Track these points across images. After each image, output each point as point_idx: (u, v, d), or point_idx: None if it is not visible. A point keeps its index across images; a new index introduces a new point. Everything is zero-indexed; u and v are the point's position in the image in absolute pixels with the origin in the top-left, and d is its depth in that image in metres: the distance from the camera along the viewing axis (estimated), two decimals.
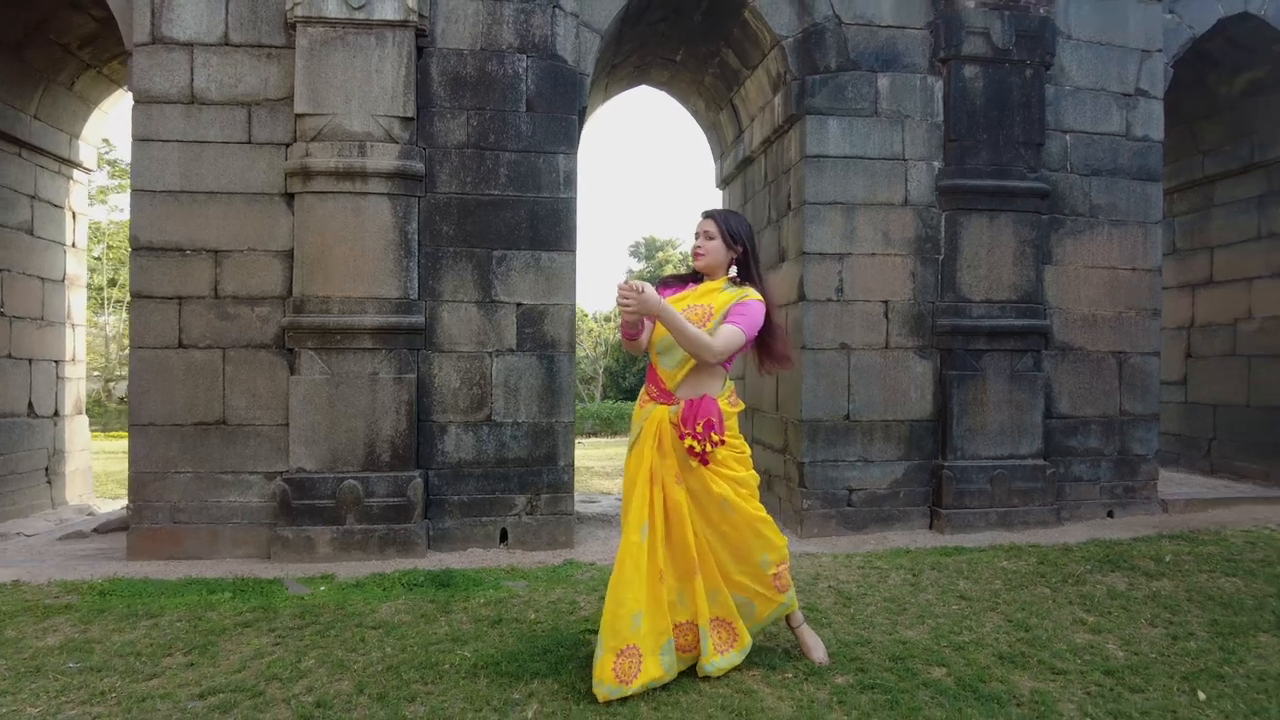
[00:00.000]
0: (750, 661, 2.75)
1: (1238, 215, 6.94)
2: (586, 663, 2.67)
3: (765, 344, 2.75)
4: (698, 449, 2.49)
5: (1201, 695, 2.52)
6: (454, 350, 4.86)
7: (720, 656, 2.61)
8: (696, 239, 2.78)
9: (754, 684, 2.57)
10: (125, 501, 6.98)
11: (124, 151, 20.23)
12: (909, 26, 5.34)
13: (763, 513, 2.67)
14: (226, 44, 4.68)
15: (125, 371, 22.61)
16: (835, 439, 5.25)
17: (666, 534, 2.57)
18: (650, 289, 2.48)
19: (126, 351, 22.85)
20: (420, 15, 4.72)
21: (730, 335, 2.54)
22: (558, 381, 4.97)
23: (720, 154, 7.36)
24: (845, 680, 2.59)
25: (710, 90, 6.82)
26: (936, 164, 5.37)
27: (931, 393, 5.36)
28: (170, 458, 4.59)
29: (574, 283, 5.04)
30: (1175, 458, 7.35)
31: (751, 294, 2.66)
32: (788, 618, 2.82)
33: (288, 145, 4.70)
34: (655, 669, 2.48)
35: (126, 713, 2.34)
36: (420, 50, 4.81)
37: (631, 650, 2.46)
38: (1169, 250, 7.45)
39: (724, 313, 2.61)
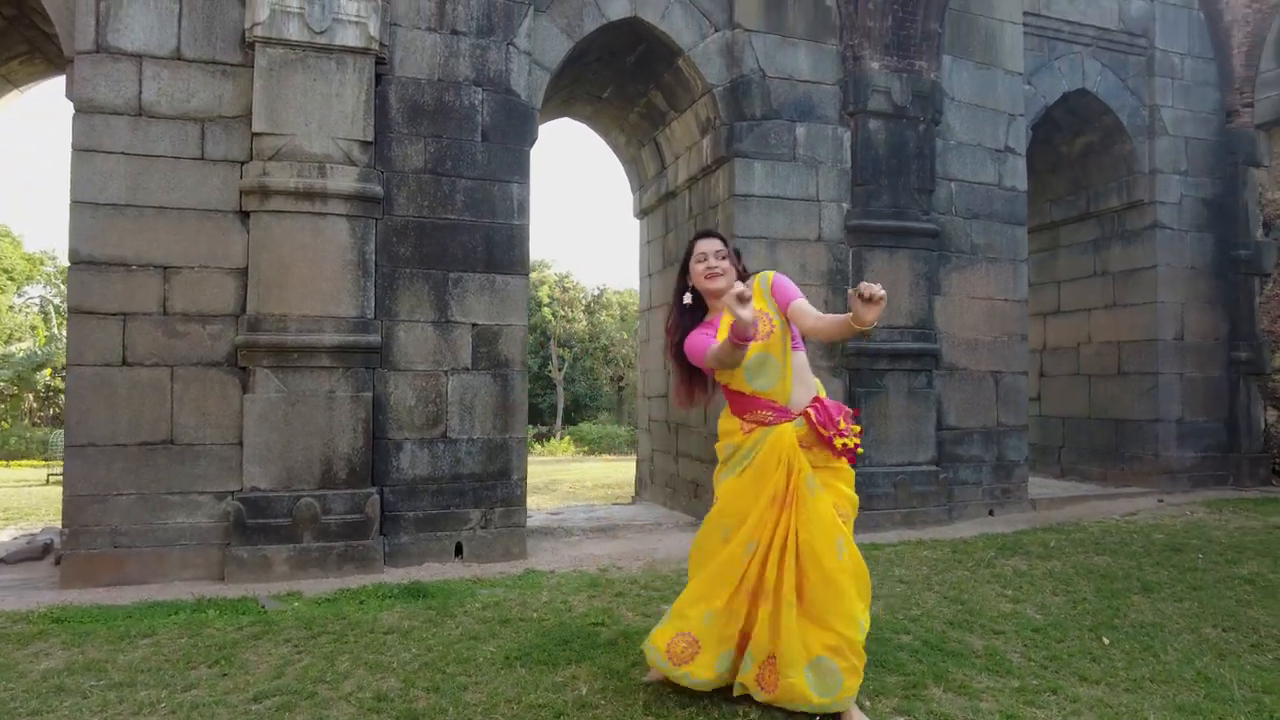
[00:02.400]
0: None
1: (1079, 255, 8.17)
2: (612, 650, 2.95)
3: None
4: (851, 445, 2.42)
5: (1106, 640, 3.16)
6: (410, 369, 4.97)
7: (760, 691, 2.39)
8: (703, 260, 2.56)
9: None
10: (15, 531, 6.47)
11: None
12: (823, 82, 6.02)
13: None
14: (179, 58, 4.63)
15: None
16: None
17: (781, 556, 2.38)
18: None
19: None
20: (381, 44, 4.86)
21: (810, 306, 2.44)
22: (511, 398, 5.18)
23: (640, 186, 7.81)
24: None
25: (634, 127, 7.27)
26: (845, 205, 6.06)
27: None
28: (112, 479, 4.42)
29: (526, 304, 5.29)
30: (1033, 464, 8.39)
31: (767, 272, 2.59)
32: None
33: (243, 163, 4.68)
34: (707, 670, 2.42)
35: (186, 718, 2.39)
36: (379, 77, 4.94)
37: (691, 638, 2.42)
38: None
39: (778, 304, 2.48)
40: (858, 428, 2.47)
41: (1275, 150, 7.76)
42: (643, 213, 7.84)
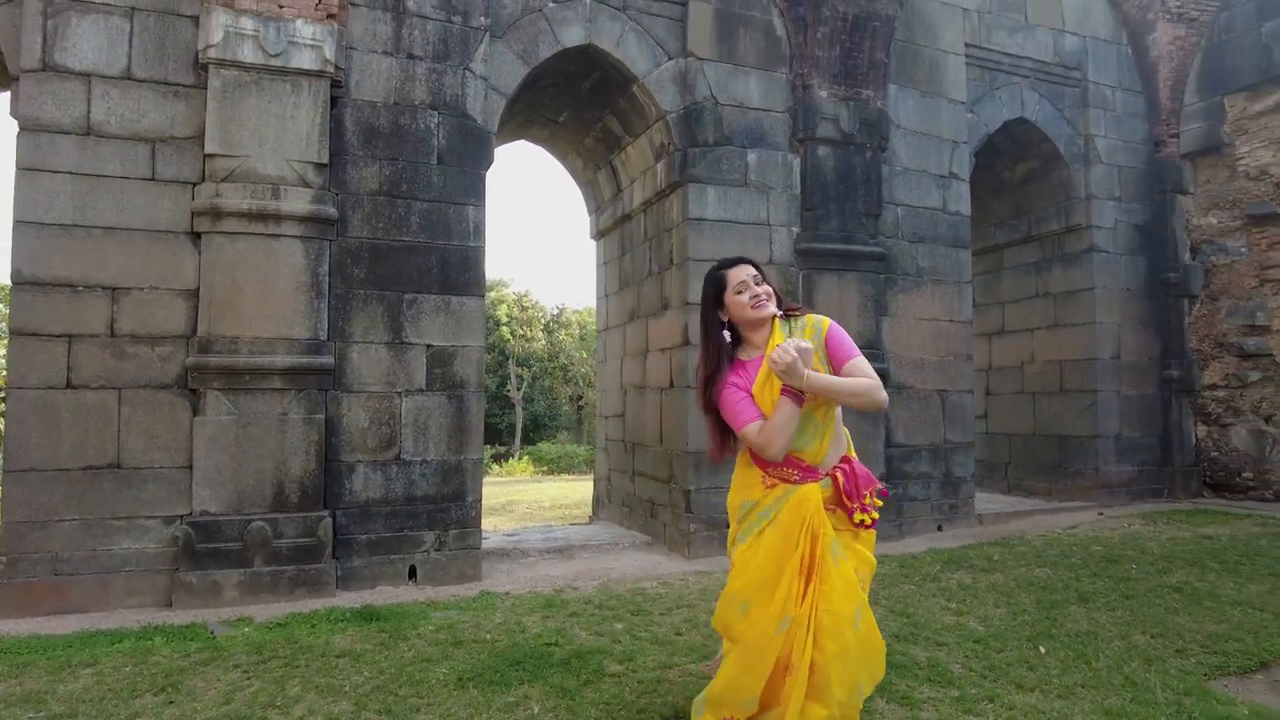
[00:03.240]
0: (700, 658, 3.19)
1: (1022, 277, 8.48)
2: (564, 669, 2.98)
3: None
4: (868, 521, 2.28)
5: (1043, 649, 3.29)
6: (364, 390, 4.96)
7: None
8: (746, 290, 2.36)
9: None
10: None
11: None
12: (773, 110, 6.19)
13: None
14: (129, 78, 4.60)
15: None
16: (717, 468, 5.83)
17: (806, 632, 2.22)
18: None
19: None
20: (336, 67, 4.88)
21: (867, 366, 2.27)
22: (467, 420, 5.19)
23: (596, 209, 7.91)
24: None
25: (590, 151, 7.38)
26: (795, 229, 6.22)
27: None
28: (53, 505, 4.32)
29: (482, 325, 5.32)
30: (980, 480, 8.66)
31: (822, 319, 2.40)
32: None
33: (195, 184, 4.66)
34: None
35: None
36: (335, 100, 4.96)
37: None
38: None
39: (831, 360, 2.33)
40: (880, 502, 2.32)
41: (1200, 179, 8.18)
42: (600, 234, 7.93)
